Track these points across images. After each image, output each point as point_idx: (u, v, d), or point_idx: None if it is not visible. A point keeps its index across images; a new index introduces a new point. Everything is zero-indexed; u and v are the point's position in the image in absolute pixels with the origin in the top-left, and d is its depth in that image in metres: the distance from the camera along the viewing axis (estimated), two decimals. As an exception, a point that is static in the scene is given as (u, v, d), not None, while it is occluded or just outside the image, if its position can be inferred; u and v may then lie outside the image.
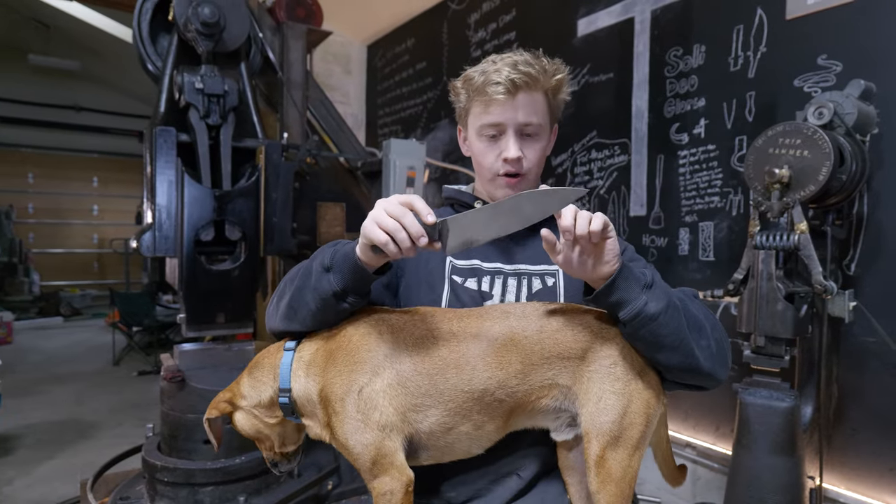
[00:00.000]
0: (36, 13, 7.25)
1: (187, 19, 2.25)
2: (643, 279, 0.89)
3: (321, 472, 2.45)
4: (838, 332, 2.06)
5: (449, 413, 0.91)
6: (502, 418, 0.93)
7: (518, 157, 1.06)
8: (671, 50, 2.71)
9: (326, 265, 0.93)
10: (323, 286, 0.92)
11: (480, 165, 1.12)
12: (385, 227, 0.82)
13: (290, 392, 0.95)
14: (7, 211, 8.79)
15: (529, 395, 0.92)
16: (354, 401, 0.90)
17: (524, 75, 1.02)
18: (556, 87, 1.08)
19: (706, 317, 0.97)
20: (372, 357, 0.92)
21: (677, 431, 2.69)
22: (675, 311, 0.89)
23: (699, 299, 1.03)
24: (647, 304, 0.87)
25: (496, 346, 0.92)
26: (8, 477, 3.11)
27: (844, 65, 2.10)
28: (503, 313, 0.96)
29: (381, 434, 0.89)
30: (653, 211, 2.81)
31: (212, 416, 0.97)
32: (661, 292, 0.90)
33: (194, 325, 2.38)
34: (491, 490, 1.03)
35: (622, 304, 0.88)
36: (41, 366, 5.73)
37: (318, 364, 0.95)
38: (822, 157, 1.73)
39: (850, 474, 2.09)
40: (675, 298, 0.92)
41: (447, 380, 0.91)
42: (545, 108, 1.08)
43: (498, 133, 1.07)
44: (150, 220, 2.31)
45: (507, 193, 1.09)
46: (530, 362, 0.92)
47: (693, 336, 0.91)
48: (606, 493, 0.89)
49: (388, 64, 5.00)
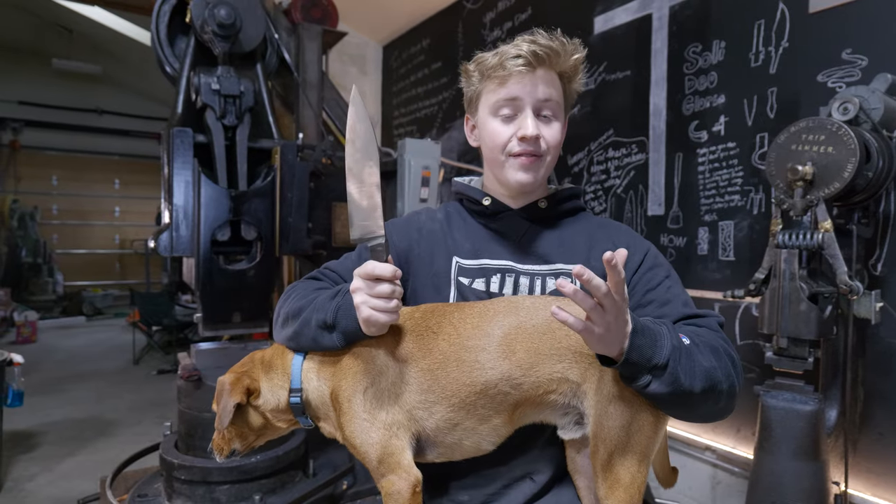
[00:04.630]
0: (59, 18, 7.39)
1: (204, 21, 2.27)
2: (655, 359, 0.81)
3: (336, 471, 2.46)
4: (864, 333, 2.01)
5: (453, 408, 0.90)
6: (508, 412, 0.91)
7: (536, 134, 0.99)
8: (690, 46, 2.66)
9: (329, 323, 0.92)
10: (324, 343, 0.93)
11: (492, 148, 1.04)
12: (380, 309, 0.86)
13: (302, 393, 0.95)
14: (32, 212, 8.98)
15: (537, 389, 0.90)
16: (361, 401, 0.90)
17: (546, 48, 0.98)
18: (573, 70, 1.03)
19: (728, 376, 0.89)
20: (373, 357, 0.92)
21: (696, 434, 2.64)
22: (680, 396, 0.83)
23: (721, 330, 0.97)
24: (649, 384, 0.82)
25: (500, 338, 0.90)
26: (31, 473, 3.16)
27: (870, 59, 2.04)
28: (510, 304, 0.94)
29: (387, 433, 0.89)
30: (671, 210, 2.76)
31: (235, 400, 0.94)
32: (671, 378, 0.82)
33: (211, 325, 2.40)
34: (504, 494, 1.01)
35: (625, 379, 0.85)
36: (64, 364, 5.83)
37: (327, 365, 0.95)
38: (848, 153, 1.68)
39: (876, 480, 2.03)
40: (689, 380, 0.83)
41: (448, 374, 0.90)
42: (561, 91, 1.03)
43: (514, 112, 1.01)
44: (168, 220, 2.33)
45: (522, 177, 1.02)
46: (538, 352, 0.89)
47: (701, 397, 0.86)
48: (615, 499, 0.87)
49: (404, 64, 5.00)
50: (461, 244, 1.08)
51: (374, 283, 0.85)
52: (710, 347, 0.90)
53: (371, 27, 5.09)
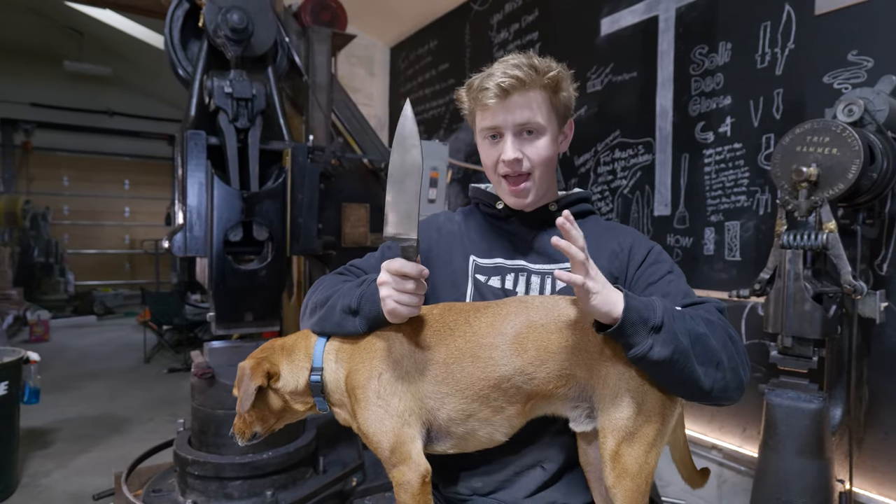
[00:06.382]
0: (70, 20, 7.48)
1: (217, 25, 2.31)
2: (652, 320, 0.86)
3: (346, 468, 2.49)
4: (869, 333, 2.02)
5: (467, 400, 0.94)
6: (521, 403, 0.95)
7: (514, 158, 1.05)
8: (696, 48, 2.68)
9: (353, 308, 0.98)
10: (347, 327, 1.00)
11: (486, 167, 1.13)
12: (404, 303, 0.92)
13: (322, 371, 1.00)
14: (44, 213, 9.08)
15: (547, 384, 0.94)
16: (375, 388, 0.94)
17: (512, 78, 1.02)
18: (554, 84, 1.06)
19: (725, 347, 0.92)
20: (391, 346, 0.97)
21: (703, 433, 2.66)
22: (682, 356, 0.87)
23: (723, 314, 1.00)
24: (651, 348, 0.85)
25: (512, 335, 0.94)
26: (46, 469, 3.22)
27: (876, 61, 2.05)
28: (521, 304, 0.98)
29: (399, 421, 0.93)
30: (677, 210, 2.78)
31: (257, 383, 0.98)
32: (669, 336, 0.86)
33: (223, 324, 2.44)
34: (515, 481, 1.05)
35: (628, 347, 0.88)
36: (76, 363, 5.91)
37: (345, 350, 1.00)
38: (852, 154, 1.70)
39: (882, 479, 2.05)
40: (688, 339, 0.88)
41: (463, 368, 0.94)
42: (545, 106, 1.06)
43: (498, 136, 1.08)
44: (182, 221, 2.37)
45: (514, 202, 1.10)
46: (548, 349, 0.93)
47: (704, 371, 0.89)
48: (622, 487, 0.90)
49: (412, 65, 5.04)
50: (478, 244, 1.15)
51: (402, 279, 0.90)
52: (704, 320, 0.94)
53: (379, 29, 5.13)
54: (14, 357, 2.86)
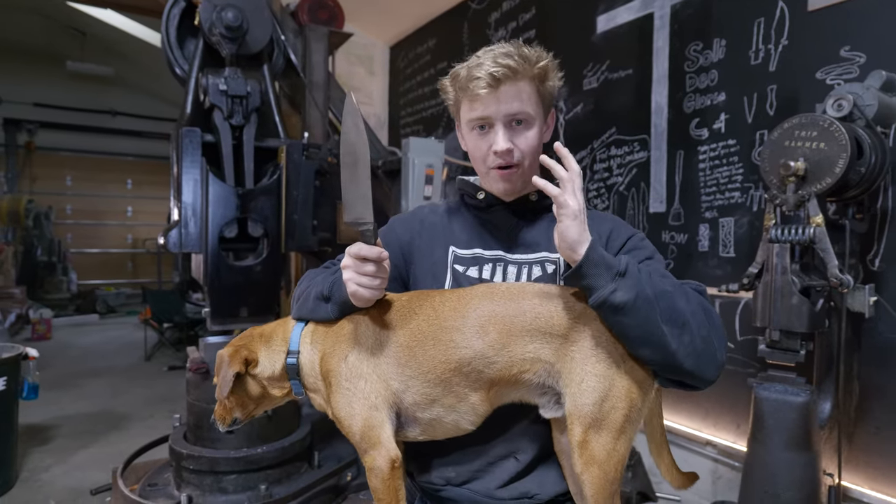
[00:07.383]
0: (72, 21, 7.52)
1: (212, 24, 2.33)
2: (616, 267, 0.88)
3: (341, 463, 2.51)
4: (859, 327, 2.02)
5: (429, 384, 0.95)
6: (484, 389, 0.95)
7: (507, 148, 1.05)
8: (691, 44, 2.69)
9: (325, 295, 1.02)
10: (320, 313, 1.03)
11: (475, 160, 1.12)
12: (365, 285, 0.95)
13: (298, 354, 1.03)
14: (47, 212, 9.13)
15: (510, 368, 0.94)
16: (344, 371, 0.96)
17: (504, 67, 1.02)
18: (542, 74, 1.06)
19: (694, 313, 0.91)
20: (357, 329, 0.99)
21: (698, 429, 2.67)
22: (645, 304, 0.86)
23: (703, 295, 0.99)
24: (614, 292, 0.86)
25: (475, 319, 0.95)
26: (46, 464, 3.25)
27: (868, 56, 2.06)
28: (487, 289, 0.99)
29: (366, 403, 0.94)
30: (672, 207, 2.79)
31: (235, 370, 1.01)
32: (632, 282, 0.87)
33: (218, 319, 2.46)
34: (488, 471, 1.06)
35: (590, 290, 0.88)
36: (78, 360, 5.94)
37: (320, 333, 1.03)
38: (839, 149, 1.70)
39: (873, 473, 2.05)
40: (651, 290, 0.88)
41: (426, 351, 0.95)
42: (534, 96, 1.06)
43: (487, 126, 1.07)
44: (177, 217, 2.39)
45: (503, 187, 1.10)
46: (511, 333, 0.93)
47: (669, 331, 0.87)
48: (590, 474, 0.89)
49: (411, 64, 5.05)
50: (458, 235, 1.16)
51: (362, 262, 0.93)
52: (673, 284, 0.94)
53: (378, 28, 5.15)
54: (13, 353, 2.88)
